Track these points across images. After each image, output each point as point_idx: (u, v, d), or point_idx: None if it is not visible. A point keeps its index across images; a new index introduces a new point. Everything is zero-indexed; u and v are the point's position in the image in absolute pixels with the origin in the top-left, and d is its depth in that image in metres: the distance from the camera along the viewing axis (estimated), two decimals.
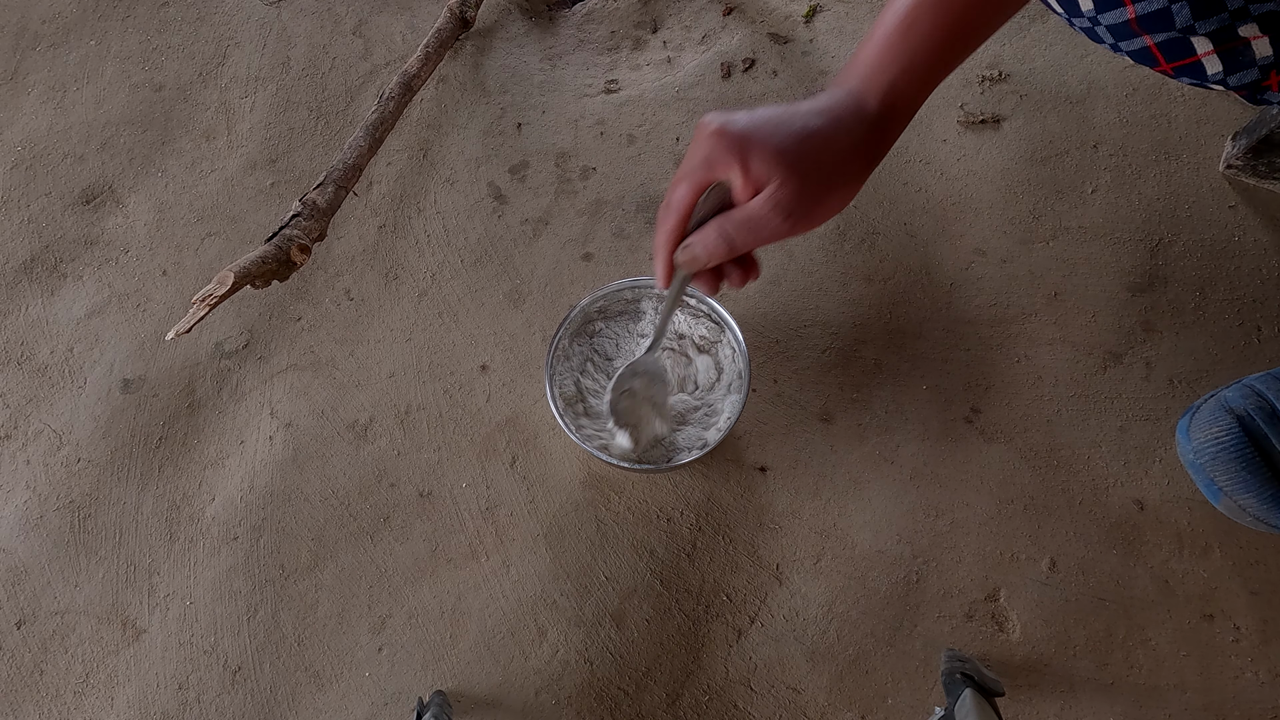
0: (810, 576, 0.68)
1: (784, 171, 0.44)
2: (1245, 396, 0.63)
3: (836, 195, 0.46)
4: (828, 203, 0.46)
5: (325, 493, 0.73)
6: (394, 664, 0.67)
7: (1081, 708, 0.63)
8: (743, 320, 0.72)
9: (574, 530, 0.70)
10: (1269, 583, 0.65)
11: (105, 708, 0.67)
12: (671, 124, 0.86)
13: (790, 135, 0.44)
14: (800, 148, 0.44)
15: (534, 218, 0.83)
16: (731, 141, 0.44)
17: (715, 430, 0.67)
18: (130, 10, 0.97)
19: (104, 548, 0.72)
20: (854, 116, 0.46)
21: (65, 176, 0.88)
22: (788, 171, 0.44)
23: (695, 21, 0.93)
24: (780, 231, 0.46)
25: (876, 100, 0.46)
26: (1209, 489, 0.65)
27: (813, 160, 0.44)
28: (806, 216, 0.46)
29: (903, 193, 0.80)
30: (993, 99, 0.84)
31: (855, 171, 0.46)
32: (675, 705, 0.65)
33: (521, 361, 0.76)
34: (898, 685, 0.64)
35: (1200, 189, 0.78)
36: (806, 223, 0.46)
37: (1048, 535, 0.68)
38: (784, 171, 0.44)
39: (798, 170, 0.44)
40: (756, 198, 0.45)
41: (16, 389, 0.78)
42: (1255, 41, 0.48)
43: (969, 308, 0.75)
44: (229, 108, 0.91)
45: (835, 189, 0.46)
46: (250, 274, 0.66)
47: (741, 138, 0.44)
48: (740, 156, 0.44)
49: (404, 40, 0.94)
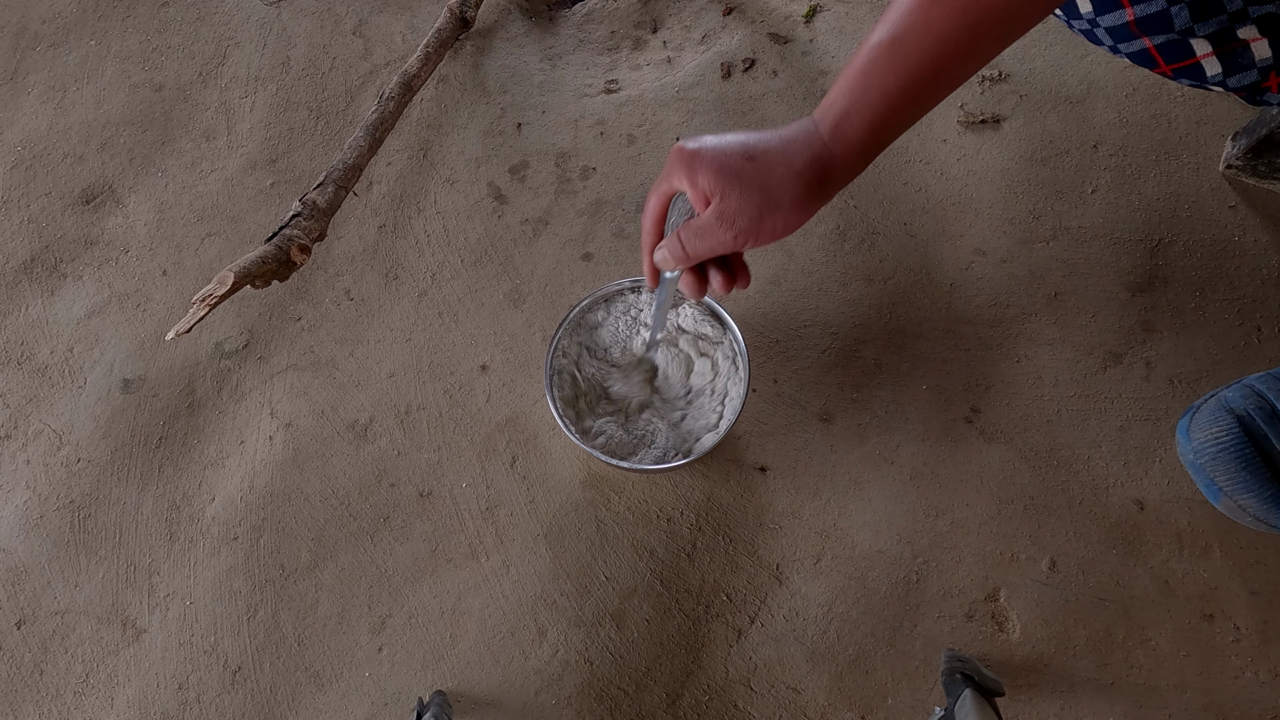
0: (810, 576, 0.68)
1: (724, 186, 0.48)
2: (1245, 396, 0.63)
3: (779, 214, 0.48)
4: (770, 220, 0.48)
5: (325, 493, 0.73)
6: (394, 664, 0.67)
7: (1081, 708, 0.63)
8: (743, 320, 0.72)
9: (574, 530, 0.70)
10: (1269, 583, 0.65)
11: (105, 708, 0.67)
12: (671, 124, 0.86)
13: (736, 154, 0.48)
14: (743, 165, 0.48)
15: (534, 218, 0.83)
16: (685, 157, 0.48)
17: (715, 431, 0.67)
18: (130, 10, 0.97)
19: (104, 548, 0.72)
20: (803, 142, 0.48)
21: (65, 176, 0.88)
22: (727, 186, 0.47)
23: (695, 21, 0.93)
24: (726, 242, 0.49)
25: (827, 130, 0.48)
26: (1209, 489, 0.65)
27: (752, 178, 0.48)
28: (750, 231, 0.49)
29: (903, 193, 0.80)
30: (993, 99, 0.84)
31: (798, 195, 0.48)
32: (675, 705, 0.65)
33: (521, 361, 0.76)
34: (898, 685, 0.64)
35: (1200, 189, 0.78)
36: (751, 237, 0.49)
37: (1048, 535, 0.68)
38: (724, 186, 0.48)
39: (737, 186, 0.47)
40: (707, 209, 0.49)
41: (16, 389, 0.78)
42: (1254, 44, 0.48)
43: (969, 308, 0.75)
44: (229, 108, 0.91)
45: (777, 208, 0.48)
46: (250, 274, 0.66)
47: (693, 155, 0.48)
48: (689, 171, 0.48)
49: (404, 40, 0.94)
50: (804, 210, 0.48)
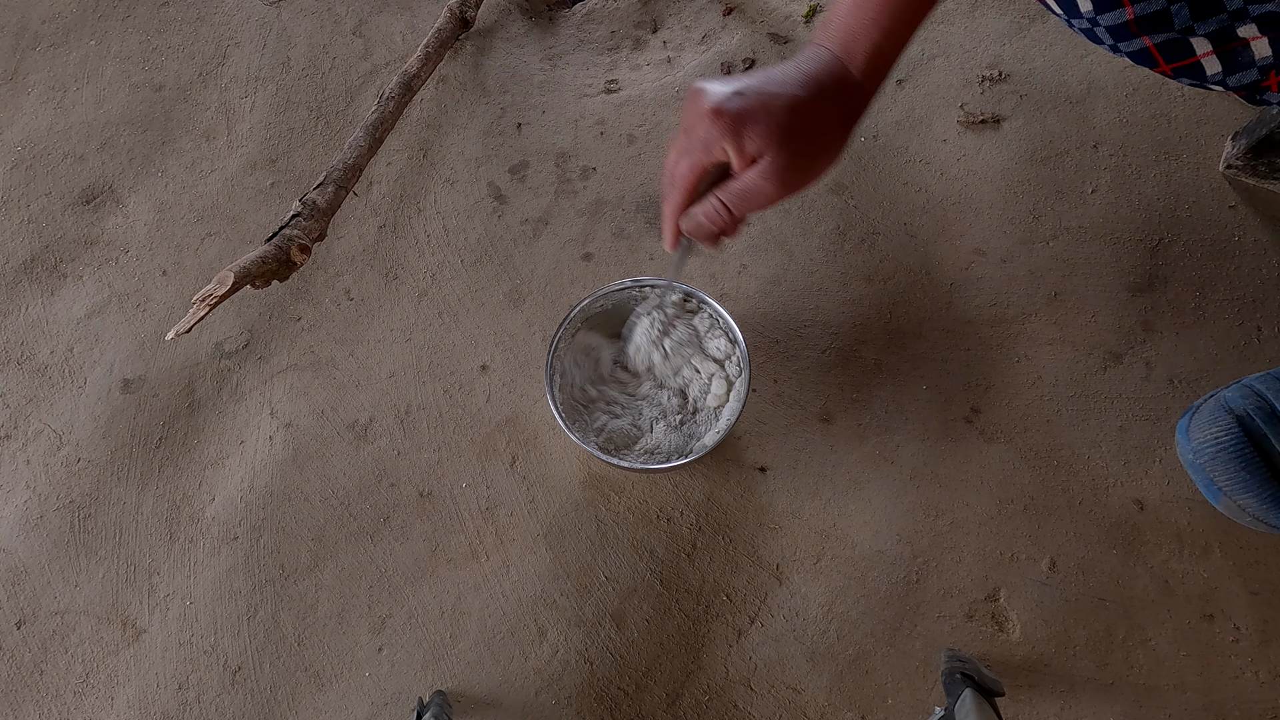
0: (810, 576, 0.68)
1: (775, 146, 0.47)
2: (1245, 396, 0.63)
3: (823, 160, 0.50)
4: (815, 168, 0.50)
5: (325, 493, 0.73)
6: (394, 664, 0.67)
7: (1081, 708, 0.63)
8: (743, 320, 0.72)
9: (574, 530, 0.70)
10: (1269, 583, 0.65)
11: (105, 708, 0.67)
12: (671, 124, 0.86)
13: (780, 110, 0.47)
14: (790, 122, 0.47)
15: (534, 218, 0.83)
16: (728, 123, 0.47)
17: (715, 431, 0.67)
18: (130, 10, 0.97)
19: (104, 548, 0.72)
20: (837, 85, 0.49)
21: (65, 176, 0.88)
22: (779, 146, 0.47)
23: (695, 21, 0.93)
24: (773, 198, 0.50)
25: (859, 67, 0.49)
26: (1209, 489, 0.65)
27: (800, 132, 0.48)
28: (796, 182, 0.49)
29: (903, 193, 0.80)
30: (993, 99, 0.84)
31: (840, 137, 0.50)
32: (675, 705, 0.65)
33: (521, 361, 0.76)
34: (898, 685, 0.64)
35: (1200, 189, 0.78)
36: (797, 187, 0.50)
37: (1048, 535, 0.68)
38: (775, 146, 0.47)
39: (788, 144, 0.47)
40: (751, 169, 0.48)
41: (16, 389, 0.78)
42: (1254, 42, 0.48)
43: (969, 308, 0.75)
44: (229, 108, 0.91)
45: (822, 155, 0.49)
46: (250, 274, 0.66)
47: (736, 118, 0.47)
48: (735, 136, 0.47)
49: (404, 40, 0.94)
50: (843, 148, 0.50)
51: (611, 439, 0.68)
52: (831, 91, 0.48)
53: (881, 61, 0.49)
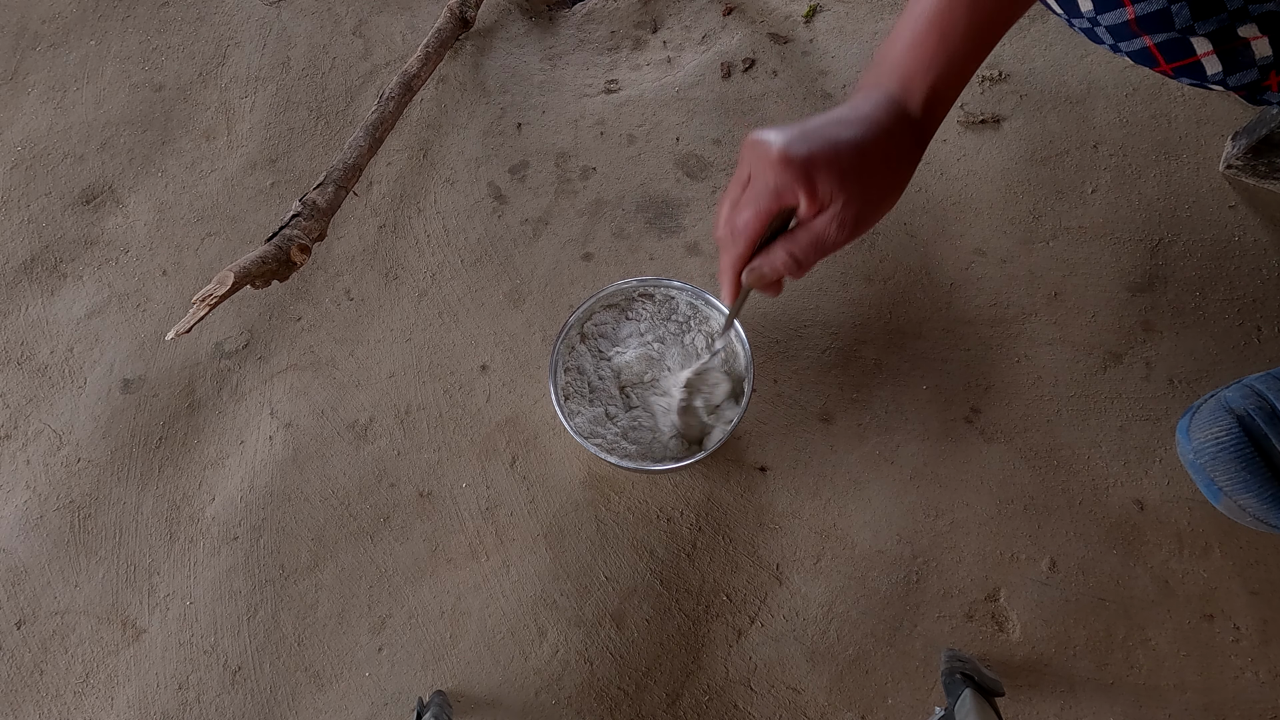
0: (810, 576, 0.68)
1: (847, 193, 0.46)
2: (1245, 396, 0.63)
3: (889, 201, 0.49)
4: (882, 209, 0.49)
5: (325, 493, 0.73)
6: (394, 664, 0.67)
7: (1081, 708, 0.63)
8: (743, 320, 0.72)
9: (574, 530, 0.70)
10: (1269, 583, 0.65)
11: (105, 708, 0.67)
12: (671, 124, 0.86)
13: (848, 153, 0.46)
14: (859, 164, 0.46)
15: (534, 218, 0.83)
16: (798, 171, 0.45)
17: (716, 432, 0.67)
18: (130, 10, 0.97)
19: (104, 548, 0.72)
20: (900, 126, 0.48)
21: (65, 176, 0.88)
22: (850, 192, 0.46)
23: (695, 21, 0.93)
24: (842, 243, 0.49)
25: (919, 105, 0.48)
26: (1209, 489, 0.65)
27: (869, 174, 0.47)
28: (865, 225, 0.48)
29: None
30: (993, 99, 0.84)
31: (905, 175, 0.50)
32: (675, 705, 0.65)
33: (521, 361, 0.76)
34: (898, 685, 0.64)
35: (1200, 189, 0.78)
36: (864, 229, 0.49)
37: (1048, 535, 0.68)
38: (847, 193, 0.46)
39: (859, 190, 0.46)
40: (820, 217, 0.47)
41: (16, 389, 0.78)
42: (1255, 42, 0.48)
43: (969, 308, 0.75)
44: (229, 108, 0.91)
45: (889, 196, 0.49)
46: (250, 274, 0.66)
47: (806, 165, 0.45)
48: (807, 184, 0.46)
49: (404, 40, 0.94)
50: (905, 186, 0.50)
51: (613, 438, 0.68)
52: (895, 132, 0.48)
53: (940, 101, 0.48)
